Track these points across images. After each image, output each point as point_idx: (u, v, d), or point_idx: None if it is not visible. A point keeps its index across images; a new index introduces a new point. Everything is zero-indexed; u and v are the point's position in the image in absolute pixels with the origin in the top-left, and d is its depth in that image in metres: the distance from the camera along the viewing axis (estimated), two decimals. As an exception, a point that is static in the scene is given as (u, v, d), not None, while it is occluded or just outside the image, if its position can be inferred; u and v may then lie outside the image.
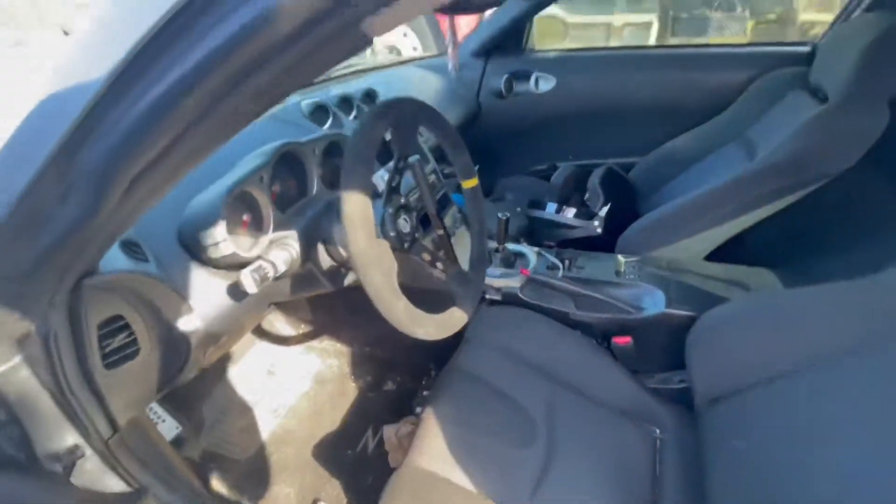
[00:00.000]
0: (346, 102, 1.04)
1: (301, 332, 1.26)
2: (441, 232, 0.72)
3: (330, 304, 1.16)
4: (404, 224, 0.66)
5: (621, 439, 0.79)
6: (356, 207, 0.53)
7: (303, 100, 0.95)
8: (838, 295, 0.69)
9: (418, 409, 1.04)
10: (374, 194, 0.62)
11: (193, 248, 0.61)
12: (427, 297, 0.65)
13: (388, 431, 1.02)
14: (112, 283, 0.51)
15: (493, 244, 1.03)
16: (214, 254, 0.59)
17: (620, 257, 1.01)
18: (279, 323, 1.25)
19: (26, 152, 0.35)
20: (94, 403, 0.48)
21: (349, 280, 0.76)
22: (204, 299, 0.62)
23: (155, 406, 0.93)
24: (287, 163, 0.71)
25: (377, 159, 0.59)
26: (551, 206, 1.26)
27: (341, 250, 0.66)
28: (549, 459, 0.73)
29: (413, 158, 0.66)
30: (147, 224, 0.54)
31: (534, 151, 1.62)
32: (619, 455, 0.76)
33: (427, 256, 0.67)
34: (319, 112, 0.96)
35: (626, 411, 0.83)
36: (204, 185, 0.62)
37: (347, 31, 0.28)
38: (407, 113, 0.66)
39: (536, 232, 1.28)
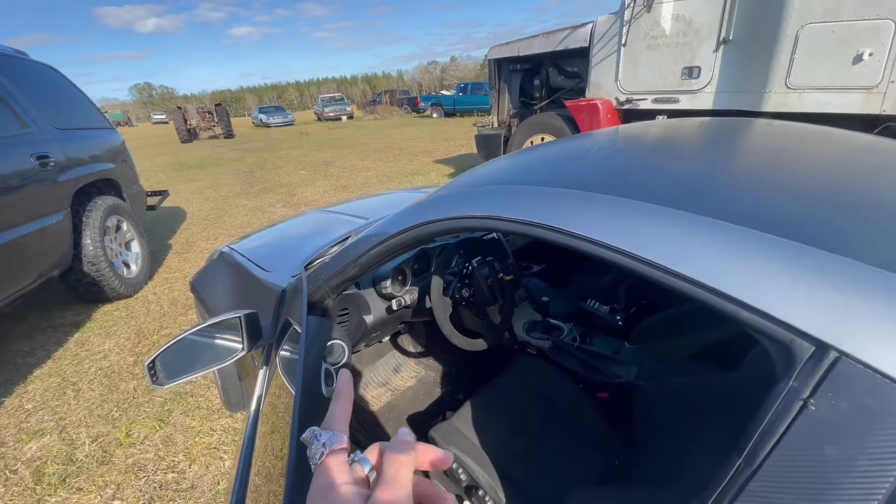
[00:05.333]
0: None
1: (417, 350, 1.99)
2: (484, 299, 1.39)
3: (437, 337, 1.88)
4: (466, 292, 1.35)
5: (583, 455, 1.27)
6: (435, 284, 1.25)
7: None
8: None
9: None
10: (454, 275, 1.34)
11: (377, 287, 1.40)
12: (469, 333, 1.32)
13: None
14: (346, 295, 1.31)
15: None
16: (383, 290, 1.36)
17: (626, 343, 1.49)
18: (407, 342, 2.02)
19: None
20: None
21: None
22: (375, 309, 1.40)
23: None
24: (423, 256, 1.48)
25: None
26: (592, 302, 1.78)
27: (430, 298, 1.39)
28: (532, 447, 1.26)
29: (476, 260, 1.36)
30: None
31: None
32: (580, 463, 1.25)
33: (472, 310, 1.34)
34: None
35: (591, 437, 1.30)
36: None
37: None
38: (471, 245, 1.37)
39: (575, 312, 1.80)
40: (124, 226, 3.73)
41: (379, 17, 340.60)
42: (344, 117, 25.85)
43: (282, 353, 1.14)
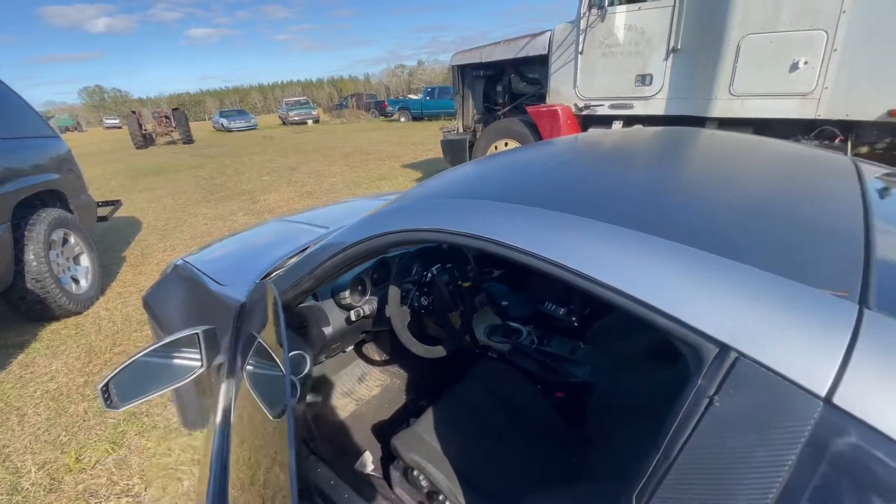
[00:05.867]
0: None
1: (382, 359, 1.99)
2: (445, 306, 1.41)
3: (399, 347, 1.89)
4: (425, 300, 1.37)
5: (542, 455, 1.31)
6: (392, 294, 1.26)
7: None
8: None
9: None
10: (414, 283, 1.35)
11: (336, 297, 1.39)
12: (431, 340, 1.34)
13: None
14: (304, 307, 1.30)
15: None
16: (342, 301, 1.36)
17: (581, 343, 1.55)
18: (372, 351, 2.02)
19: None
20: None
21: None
22: (334, 321, 1.39)
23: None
24: (383, 265, 1.49)
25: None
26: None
27: (388, 309, 1.40)
28: (493, 449, 1.29)
29: (436, 268, 1.38)
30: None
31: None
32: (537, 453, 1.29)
33: (432, 318, 1.37)
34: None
35: (550, 437, 1.35)
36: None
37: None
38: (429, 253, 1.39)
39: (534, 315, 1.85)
40: (72, 239, 3.55)
41: (343, 20, 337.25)
42: (310, 121, 25.42)
43: (248, 367, 1.12)
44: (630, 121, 4.62)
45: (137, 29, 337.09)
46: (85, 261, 3.68)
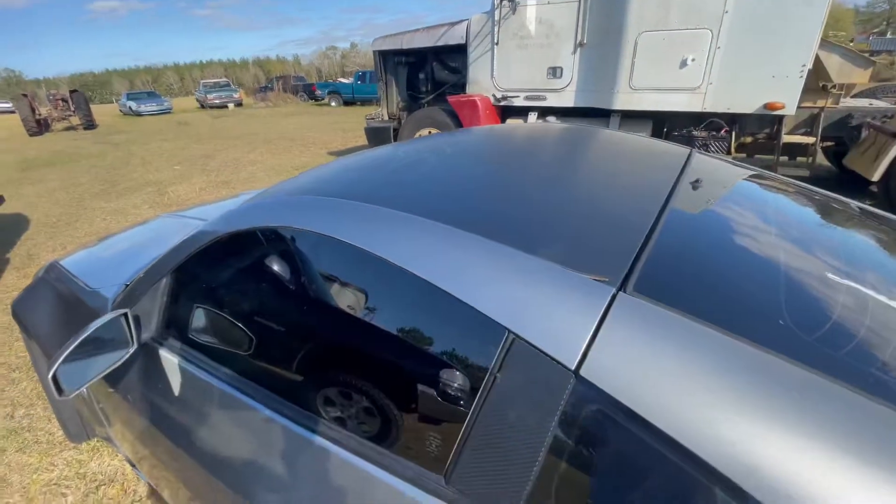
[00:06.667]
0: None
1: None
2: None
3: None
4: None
5: None
6: None
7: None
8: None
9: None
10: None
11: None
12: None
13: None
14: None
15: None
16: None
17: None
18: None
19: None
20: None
21: None
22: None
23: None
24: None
25: None
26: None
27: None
28: None
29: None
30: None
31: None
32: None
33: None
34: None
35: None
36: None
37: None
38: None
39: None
40: (-69, 240, 3.10)
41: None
42: (231, 105, 23.75)
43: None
44: (545, 112, 4.83)
45: (30, 1, 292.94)
46: (-50, 265, 3.24)
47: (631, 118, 4.40)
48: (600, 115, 4.48)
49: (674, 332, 0.53)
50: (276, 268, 0.95)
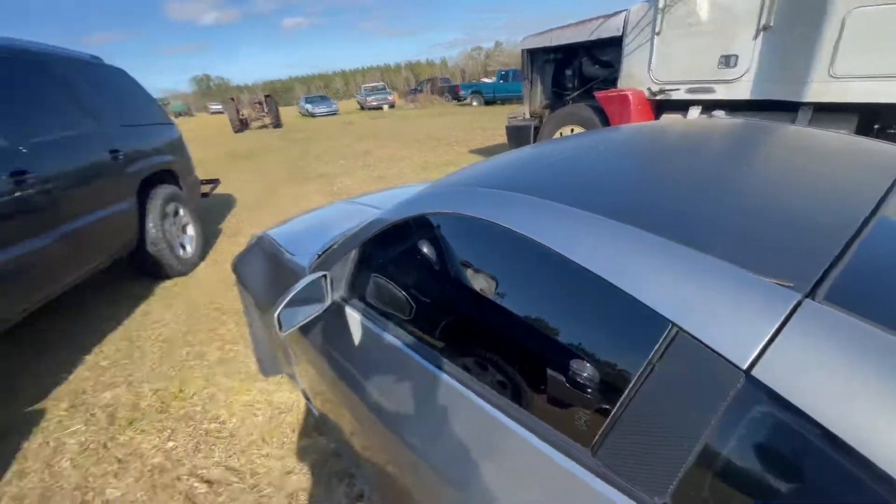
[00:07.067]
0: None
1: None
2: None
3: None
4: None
5: None
6: None
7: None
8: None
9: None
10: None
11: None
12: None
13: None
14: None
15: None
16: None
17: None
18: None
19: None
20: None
21: None
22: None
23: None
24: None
25: None
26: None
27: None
28: None
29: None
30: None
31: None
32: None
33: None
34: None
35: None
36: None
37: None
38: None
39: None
40: (181, 211, 4.17)
41: (421, 4, 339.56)
42: (385, 106, 26.25)
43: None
44: (710, 106, 4.32)
45: (240, 20, 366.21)
46: (191, 231, 4.31)
47: (827, 112, 3.67)
48: (783, 108, 3.83)
49: (870, 346, 0.50)
50: (445, 248, 1.08)
